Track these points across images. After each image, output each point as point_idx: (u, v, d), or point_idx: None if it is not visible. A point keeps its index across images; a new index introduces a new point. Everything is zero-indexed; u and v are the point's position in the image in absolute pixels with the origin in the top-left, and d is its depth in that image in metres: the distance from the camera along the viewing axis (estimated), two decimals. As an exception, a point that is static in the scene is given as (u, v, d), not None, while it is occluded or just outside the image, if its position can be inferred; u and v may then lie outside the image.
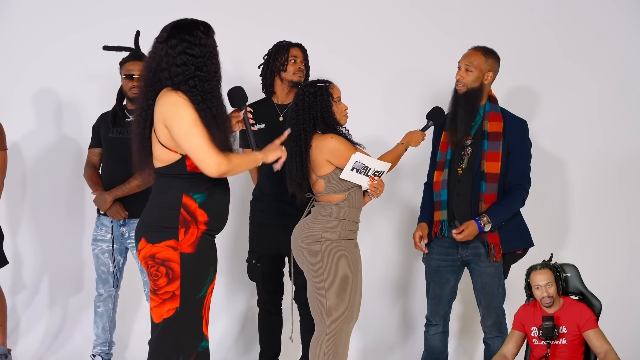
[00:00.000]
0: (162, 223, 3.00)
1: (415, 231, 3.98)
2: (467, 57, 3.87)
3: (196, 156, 2.95)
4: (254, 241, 4.21)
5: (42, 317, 4.99)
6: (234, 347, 4.87)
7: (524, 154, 3.90)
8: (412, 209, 4.85)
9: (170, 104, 2.96)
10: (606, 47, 4.85)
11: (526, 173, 3.91)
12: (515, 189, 3.86)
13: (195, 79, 2.97)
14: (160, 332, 3.04)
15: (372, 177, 3.59)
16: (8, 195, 4.63)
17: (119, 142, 4.23)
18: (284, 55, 4.08)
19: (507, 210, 3.85)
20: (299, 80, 4.11)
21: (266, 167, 3.98)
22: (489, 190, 3.83)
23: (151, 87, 3.03)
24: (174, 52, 2.97)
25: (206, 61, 3.00)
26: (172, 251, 2.98)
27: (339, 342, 3.55)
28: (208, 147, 2.93)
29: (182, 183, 3.01)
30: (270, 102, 4.15)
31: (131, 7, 4.95)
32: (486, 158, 3.83)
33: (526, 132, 3.93)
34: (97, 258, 4.34)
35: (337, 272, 3.53)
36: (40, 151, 5.04)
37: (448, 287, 3.99)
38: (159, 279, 3.01)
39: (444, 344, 4.07)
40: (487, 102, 3.91)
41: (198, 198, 3.02)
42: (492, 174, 3.83)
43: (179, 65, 2.96)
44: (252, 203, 4.25)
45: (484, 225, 3.79)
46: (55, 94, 5.01)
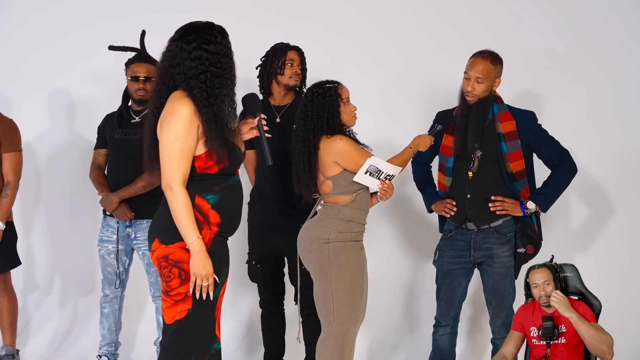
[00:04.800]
0: (174, 224, 2.98)
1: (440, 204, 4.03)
2: (476, 67, 3.82)
3: (161, 166, 2.97)
4: (253, 242, 4.21)
5: (52, 318, 4.99)
6: (239, 349, 4.89)
7: (545, 138, 3.92)
8: (418, 211, 4.87)
9: (168, 111, 2.96)
10: (608, 50, 4.88)
11: (557, 151, 3.91)
12: (557, 167, 3.91)
13: (207, 73, 2.96)
14: (172, 334, 3.03)
15: (383, 180, 3.60)
16: (22, 195, 4.62)
17: (125, 143, 4.23)
18: (281, 59, 4.08)
19: (554, 190, 3.90)
20: (295, 84, 4.11)
21: (264, 168, 4.00)
22: (522, 185, 3.89)
23: (164, 84, 3.03)
24: (189, 48, 2.97)
25: (221, 58, 2.99)
26: (185, 253, 2.98)
27: (346, 344, 3.56)
28: (172, 167, 2.94)
29: (194, 184, 3.01)
30: (267, 103, 4.14)
31: (137, 7, 4.98)
32: (509, 160, 3.85)
33: (536, 121, 3.95)
34: (103, 259, 4.33)
35: (344, 274, 3.54)
36: (54, 151, 5.05)
37: (459, 290, 4.01)
38: (171, 280, 3.00)
39: (451, 345, 4.09)
40: (493, 103, 3.91)
41: (211, 199, 3.01)
42: (520, 172, 3.88)
43: (194, 60, 2.96)
44: (250, 204, 4.24)
45: (527, 209, 3.86)
46: (67, 94, 5.02)
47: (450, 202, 3.99)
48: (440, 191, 4.09)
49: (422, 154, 4.01)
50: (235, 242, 4.79)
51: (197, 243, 2.95)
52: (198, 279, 2.97)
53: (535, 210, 3.90)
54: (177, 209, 2.94)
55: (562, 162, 3.90)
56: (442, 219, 4.14)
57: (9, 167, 4.26)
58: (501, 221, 3.91)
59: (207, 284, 2.98)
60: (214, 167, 3.00)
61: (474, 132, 3.85)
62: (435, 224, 4.33)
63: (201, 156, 2.99)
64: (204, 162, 2.99)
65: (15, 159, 4.28)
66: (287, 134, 3.80)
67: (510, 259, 3.91)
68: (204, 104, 2.96)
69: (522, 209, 3.88)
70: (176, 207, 2.95)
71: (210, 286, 2.99)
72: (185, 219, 2.94)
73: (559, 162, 3.90)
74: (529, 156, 3.93)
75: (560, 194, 3.94)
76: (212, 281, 2.99)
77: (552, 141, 3.93)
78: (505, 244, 3.91)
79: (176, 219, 2.95)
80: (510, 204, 3.88)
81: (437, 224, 4.24)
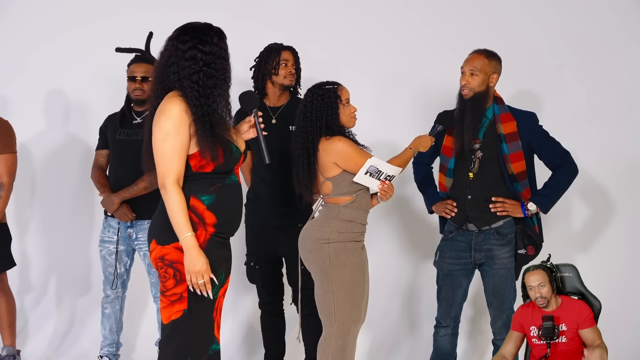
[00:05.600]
0: (171, 225, 2.97)
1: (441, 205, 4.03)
2: (471, 61, 3.86)
3: (156, 166, 2.98)
4: (251, 243, 4.21)
5: (50, 318, 5.00)
6: (239, 349, 4.89)
7: (546, 140, 3.91)
8: (419, 212, 4.86)
9: (159, 110, 2.97)
10: (610, 50, 4.86)
11: (558, 152, 3.90)
12: (557, 168, 3.90)
13: (200, 73, 2.96)
14: (168, 334, 3.04)
15: (383, 181, 3.60)
16: (17, 196, 4.64)
17: (126, 143, 4.24)
18: (275, 59, 4.07)
19: (555, 191, 3.89)
20: (289, 84, 4.11)
21: (261, 169, 4.00)
22: (524, 187, 3.88)
23: (161, 84, 3.03)
24: (184, 47, 2.97)
25: (216, 59, 3.00)
26: (180, 253, 2.97)
27: (347, 344, 3.56)
28: (165, 165, 2.95)
29: (189, 184, 3.01)
30: (263, 104, 4.13)
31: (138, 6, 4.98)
32: (510, 160, 3.84)
33: (537, 122, 3.94)
34: (104, 260, 4.34)
35: (345, 274, 3.54)
36: (49, 152, 5.06)
37: (460, 291, 4.01)
38: (167, 280, 3.01)
39: (452, 346, 4.09)
40: (494, 104, 3.91)
41: (206, 200, 3.01)
42: (521, 173, 3.87)
43: (187, 59, 2.97)
44: (246, 206, 4.21)
45: (528, 210, 3.85)
46: (65, 95, 5.03)
47: (451, 203, 3.98)
48: (441, 192, 4.08)
49: (423, 154, 4.01)
50: (233, 244, 4.84)
51: (188, 239, 2.94)
52: (192, 276, 2.95)
53: (536, 212, 3.89)
54: (170, 206, 2.95)
55: (562, 164, 3.89)
56: (442, 220, 4.13)
57: (3, 169, 4.26)
58: (502, 222, 3.90)
59: (203, 282, 2.96)
60: (208, 165, 3.00)
61: (470, 126, 3.84)
62: (435, 225, 4.33)
63: (195, 154, 2.99)
64: (198, 160, 2.99)
65: (10, 160, 4.28)
66: (284, 135, 3.80)
67: (510, 260, 3.90)
68: (194, 104, 2.96)
69: (523, 210, 3.86)
70: (169, 204, 2.95)
71: (207, 284, 2.97)
72: (177, 216, 2.94)
73: (560, 164, 3.89)
74: (529, 157, 3.92)
75: (561, 195, 3.93)
76: (207, 279, 2.97)
77: (553, 142, 3.92)
78: (505, 245, 3.90)
79: (170, 216, 2.96)
80: (511, 205, 3.87)
81: (437, 225, 4.24)
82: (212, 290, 3.01)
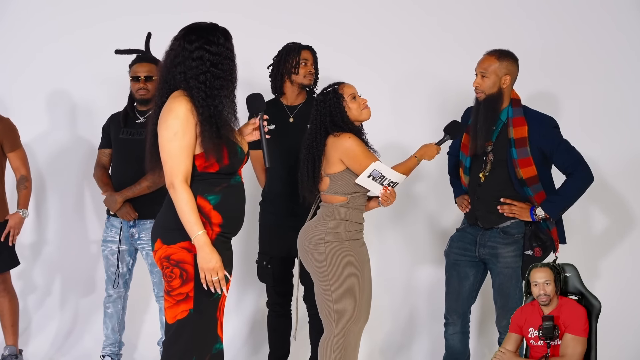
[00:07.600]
0: (177, 224, 2.98)
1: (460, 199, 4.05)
2: (482, 63, 3.83)
3: (163, 165, 2.98)
4: (264, 243, 4.21)
5: (54, 318, 5.00)
6: (243, 348, 4.88)
7: (559, 146, 3.82)
8: (422, 210, 4.86)
9: (165, 109, 2.97)
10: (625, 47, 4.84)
11: (571, 159, 3.83)
12: (570, 175, 3.85)
13: (207, 74, 2.96)
14: (173, 333, 3.03)
15: (386, 186, 3.60)
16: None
17: (129, 143, 4.24)
18: (295, 58, 4.07)
19: (565, 199, 3.84)
20: (309, 83, 4.11)
21: (277, 169, 4.00)
22: (535, 191, 3.84)
23: (166, 83, 3.03)
24: (191, 47, 2.97)
25: (222, 60, 2.99)
26: (187, 253, 2.98)
27: (347, 343, 3.56)
28: (173, 165, 2.94)
29: (196, 184, 3.00)
30: (280, 103, 4.15)
31: (139, 7, 4.98)
32: (519, 165, 3.81)
33: (552, 126, 3.86)
34: (107, 259, 4.34)
35: (342, 273, 3.54)
36: (53, 152, 5.05)
37: (467, 283, 4.00)
38: (173, 280, 3.00)
39: (463, 345, 4.08)
40: (509, 106, 3.86)
41: (212, 200, 3.01)
42: (532, 177, 3.82)
43: (195, 60, 2.96)
44: (261, 205, 4.24)
45: (537, 215, 3.83)
46: (68, 95, 5.02)
47: (467, 198, 4.01)
48: (463, 186, 4.09)
49: (453, 145, 4.04)
50: (238, 242, 4.82)
51: (200, 237, 2.94)
52: (207, 273, 2.95)
53: (545, 217, 3.85)
54: (180, 205, 2.94)
55: (575, 171, 3.83)
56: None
57: (20, 163, 4.35)
58: (509, 223, 3.89)
59: (217, 279, 2.96)
60: (214, 165, 3.00)
61: (482, 129, 3.82)
62: (441, 224, 4.31)
63: (200, 154, 2.99)
64: (204, 160, 2.99)
65: (22, 154, 4.38)
66: (301, 134, 3.79)
67: (515, 260, 3.88)
68: (200, 104, 2.96)
69: (532, 215, 3.85)
70: (179, 204, 2.95)
71: (221, 280, 2.97)
72: (188, 215, 2.94)
73: (572, 171, 3.83)
74: (543, 162, 3.85)
75: (573, 202, 3.86)
76: (222, 275, 2.97)
77: (567, 149, 3.84)
78: (511, 244, 3.89)
79: (180, 216, 2.95)
80: (520, 207, 3.85)
81: (444, 224, 4.22)
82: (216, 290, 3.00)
